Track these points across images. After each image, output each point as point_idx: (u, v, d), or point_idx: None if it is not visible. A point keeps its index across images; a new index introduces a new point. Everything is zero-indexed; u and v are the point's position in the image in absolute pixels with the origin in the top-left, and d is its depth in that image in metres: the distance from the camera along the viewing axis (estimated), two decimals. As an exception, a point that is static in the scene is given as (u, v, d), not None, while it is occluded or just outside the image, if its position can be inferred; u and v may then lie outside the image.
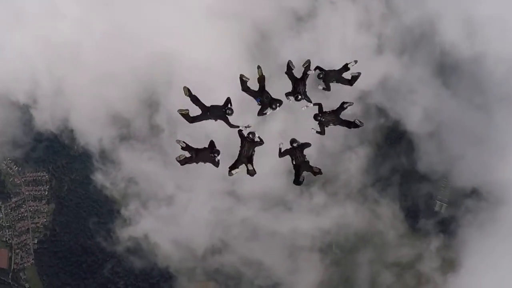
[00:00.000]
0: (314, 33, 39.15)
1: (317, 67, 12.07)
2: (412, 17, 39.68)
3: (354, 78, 12.04)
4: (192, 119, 11.38)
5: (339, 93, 13.39)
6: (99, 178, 44.13)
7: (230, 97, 11.50)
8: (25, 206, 46.86)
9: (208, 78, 35.73)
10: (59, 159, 47.31)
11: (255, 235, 41.98)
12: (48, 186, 47.35)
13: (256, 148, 11.81)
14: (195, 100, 11.45)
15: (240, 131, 11.41)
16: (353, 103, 11.94)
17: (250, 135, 11.29)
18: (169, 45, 39.87)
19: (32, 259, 45.58)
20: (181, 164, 11.25)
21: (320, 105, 11.72)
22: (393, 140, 43.87)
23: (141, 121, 41.75)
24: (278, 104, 11.48)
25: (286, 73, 12.00)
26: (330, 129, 12.57)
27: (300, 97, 11.70)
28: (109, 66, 40.03)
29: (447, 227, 40.94)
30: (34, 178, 47.47)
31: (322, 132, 11.89)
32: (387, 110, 41.30)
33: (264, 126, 31.89)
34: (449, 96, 39.38)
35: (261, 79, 11.55)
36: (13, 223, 46.13)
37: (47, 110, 41.95)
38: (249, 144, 11.25)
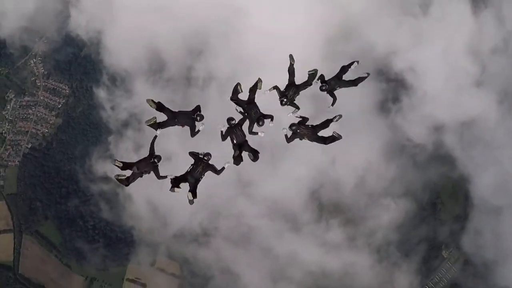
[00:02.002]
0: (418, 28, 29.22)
1: (321, 77, 10.98)
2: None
3: (361, 78, 11.10)
4: (158, 126, 10.21)
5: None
6: (101, 94, 37.62)
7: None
8: (34, 109, 42.95)
9: (265, 49, 27.58)
10: (86, 80, 42.53)
11: (245, 241, 32.96)
12: (64, 101, 42.99)
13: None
14: (160, 107, 10.26)
15: (193, 153, 10.22)
16: (341, 115, 10.82)
17: (206, 157, 9.93)
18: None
19: (18, 161, 41.46)
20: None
21: (304, 119, 10.54)
22: (446, 200, 33.01)
23: (177, 68, 33.50)
24: (269, 120, 10.32)
25: (288, 70, 10.90)
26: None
27: (285, 101, 10.45)
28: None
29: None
30: (55, 87, 43.24)
31: (288, 140, 10.26)
32: (456, 159, 30.95)
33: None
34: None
35: (254, 91, 10.31)
36: (16, 120, 42.25)
37: (86, 14, 35.62)
38: (203, 166, 9.88)
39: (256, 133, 10.31)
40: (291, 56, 10.65)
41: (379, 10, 31.22)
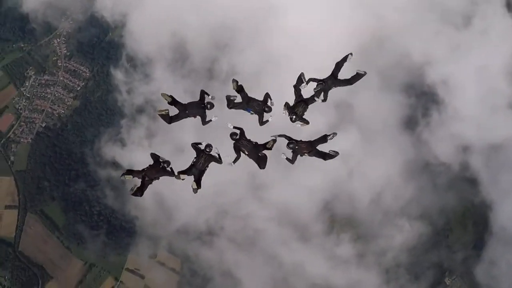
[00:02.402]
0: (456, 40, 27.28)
1: (313, 80, 10.44)
2: None
3: (359, 76, 10.57)
4: (170, 119, 10.13)
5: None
6: (118, 76, 35.85)
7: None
8: (52, 89, 42.18)
9: (293, 50, 28.31)
10: (108, 65, 41.57)
11: (250, 244, 31.42)
12: (83, 84, 42.22)
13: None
14: (173, 101, 10.16)
15: (195, 145, 10.06)
16: (336, 133, 10.40)
17: (207, 149, 9.81)
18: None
19: (31, 139, 40.65)
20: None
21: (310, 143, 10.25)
22: (460, 226, 30.89)
23: (200, 59, 32.09)
24: (270, 107, 10.31)
25: (294, 86, 10.46)
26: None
27: (294, 118, 10.19)
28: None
29: None
30: (76, 69, 42.46)
31: (292, 161, 10.05)
32: (480, 183, 29.04)
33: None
34: None
35: (240, 90, 10.26)
36: (33, 97, 41.54)
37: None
38: (205, 158, 9.79)
39: (267, 121, 10.29)
40: (302, 75, 10.28)
41: (417, 16, 29.25)
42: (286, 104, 10.23)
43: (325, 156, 10.22)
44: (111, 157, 36.77)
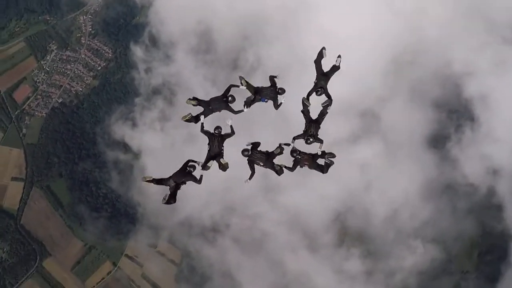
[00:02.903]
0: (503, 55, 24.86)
1: (309, 95, 10.25)
2: None
3: (335, 67, 10.49)
4: (196, 119, 9.89)
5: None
6: (138, 53, 34.10)
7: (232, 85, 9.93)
8: (73, 66, 41.14)
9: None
10: (132, 48, 39.62)
11: (255, 247, 29.31)
12: (105, 64, 40.89)
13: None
14: (197, 102, 9.91)
15: (204, 131, 9.86)
16: (334, 155, 10.07)
17: (216, 130, 9.69)
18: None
19: (45, 113, 39.50)
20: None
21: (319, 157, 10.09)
22: (481, 255, 30.87)
23: (225, 48, 30.21)
24: (283, 88, 10.12)
25: (315, 61, 10.69)
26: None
27: (311, 140, 10.00)
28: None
29: None
30: (99, 48, 41.25)
31: (292, 169, 10.03)
32: (504, 209, 26.53)
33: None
34: None
35: (250, 88, 9.97)
36: (52, 72, 40.38)
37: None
38: (218, 139, 9.66)
39: (281, 104, 10.12)
40: (305, 99, 10.05)
41: (462, 26, 26.81)
42: (296, 137, 10.10)
43: (323, 169, 10.02)
44: (121, 137, 35.09)
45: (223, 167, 9.57)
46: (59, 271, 38.53)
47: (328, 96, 10.08)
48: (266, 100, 9.96)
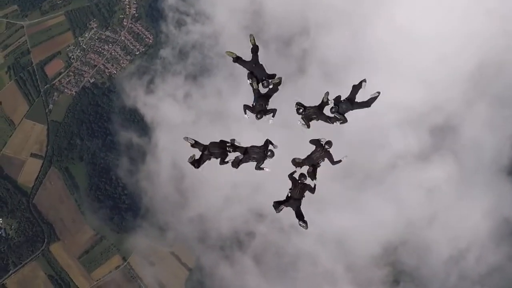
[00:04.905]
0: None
1: (337, 97, 9.10)
2: None
3: (373, 98, 9.15)
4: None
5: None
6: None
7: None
8: (111, 47, 37.08)
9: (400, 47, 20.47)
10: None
11: (281, 272, 22.41)
12: (143, 49, 36.05)
13: None
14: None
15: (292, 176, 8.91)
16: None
17: (302, 179, 8.71)
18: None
19: (75, 92, 35.15)
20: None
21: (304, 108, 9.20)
22: None
23: (278, 31, 24.08)
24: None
25: (353, 86, 9.28)
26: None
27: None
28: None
29: None
30: (140, 33, 36.65)
31: (308, 126, 9.15)
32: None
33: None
34: None
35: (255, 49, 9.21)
36: (88, 50, 36.10)
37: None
38: (301, 187, 8.66)
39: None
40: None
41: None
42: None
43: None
44: (133, 102, 28.74)
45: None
46: (66, 258, 34.03)
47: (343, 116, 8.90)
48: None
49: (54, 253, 33.50)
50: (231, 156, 8.65)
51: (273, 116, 8.71)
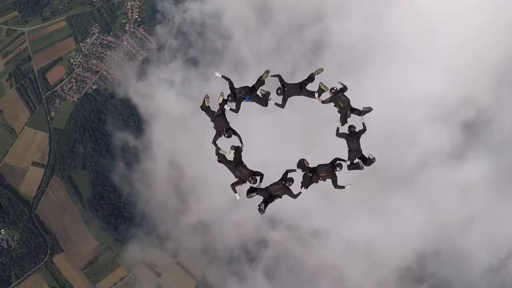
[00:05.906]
0: None
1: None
2: None
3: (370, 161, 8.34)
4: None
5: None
6: None
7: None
8: (113, 52, 35.69)
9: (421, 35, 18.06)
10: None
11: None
12: (146, 54, 33.97)
13: None
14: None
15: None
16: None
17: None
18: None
19: (77, 98, 33.33)
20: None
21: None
22: None
23: (286, 19, 21.62)
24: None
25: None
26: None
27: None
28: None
29: None
30: (142, 37, 34.84)
31: (282, 106, 8.69)
32: None
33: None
34: None
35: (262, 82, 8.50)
36: (90, 55, 34.27)
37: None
38: (282, 188, 8.10)
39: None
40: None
41: None
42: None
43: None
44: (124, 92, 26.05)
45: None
46: (69, 269, 32.26)
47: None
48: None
49: (57, 264, 31.80)
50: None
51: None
